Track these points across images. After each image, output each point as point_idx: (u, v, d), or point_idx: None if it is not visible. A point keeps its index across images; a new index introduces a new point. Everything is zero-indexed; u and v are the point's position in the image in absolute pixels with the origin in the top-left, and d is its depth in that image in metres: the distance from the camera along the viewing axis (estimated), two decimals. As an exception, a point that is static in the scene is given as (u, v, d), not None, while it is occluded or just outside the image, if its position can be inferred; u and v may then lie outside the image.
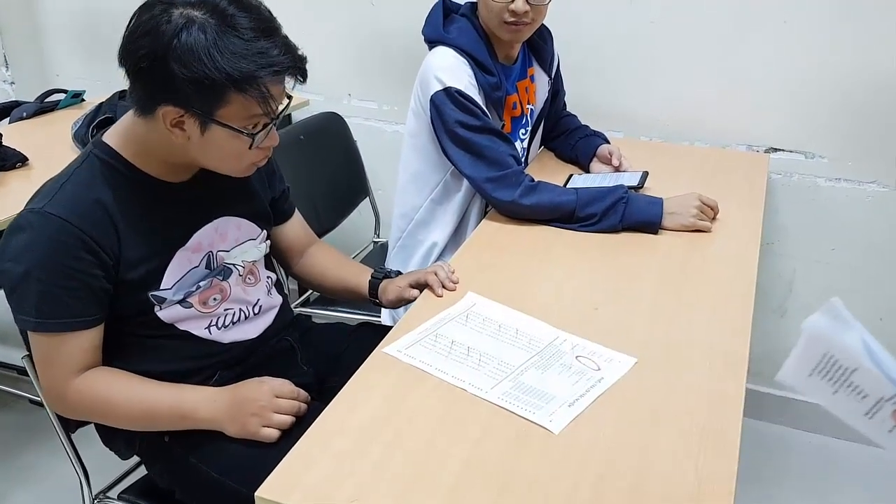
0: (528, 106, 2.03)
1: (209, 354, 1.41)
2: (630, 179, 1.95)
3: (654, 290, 1.54)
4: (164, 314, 1.34)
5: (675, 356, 1.33)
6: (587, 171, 2.13)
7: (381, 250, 2.50)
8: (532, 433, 1.15)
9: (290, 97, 1.27)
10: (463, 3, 1.92)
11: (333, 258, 1.68)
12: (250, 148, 1.26)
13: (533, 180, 1.80)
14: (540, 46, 2.02)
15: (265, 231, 1.52)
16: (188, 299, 1.36)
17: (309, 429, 1.16)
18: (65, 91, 2.74)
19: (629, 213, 1.75)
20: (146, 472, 1.49)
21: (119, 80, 1.26)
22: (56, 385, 1.29)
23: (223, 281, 1.42)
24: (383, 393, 1.24)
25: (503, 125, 1.93)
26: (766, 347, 1.99)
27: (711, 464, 1.08)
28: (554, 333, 1.39)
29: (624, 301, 1.51)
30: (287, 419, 1.32)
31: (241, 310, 1.46)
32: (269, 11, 1.24)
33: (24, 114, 2.59)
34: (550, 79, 2.06)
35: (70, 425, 1.45)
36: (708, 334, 1.39)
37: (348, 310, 2.17)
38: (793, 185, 2.32)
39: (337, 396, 1.22)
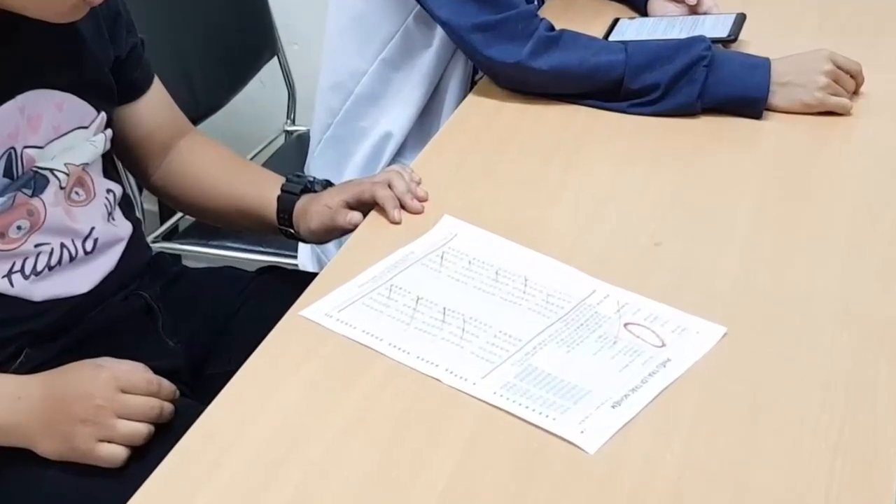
0: None
1: (11, 320, 1.44)
2: (715, 27, 1.98)
3: (755, 214, 1.56)
4: (-66, 253, 1.36)
5: (790, 324, 1.34)
6: (643, 13, 2.18)
7: (298, 145, 2.53)
8: (551, 452, 1.14)
9: None
10: None
11: (219, 160, 1.71)
12: (78, -25, 1.28)
13: (552, 28, 1.82)
14: None
15: (104, 114, 1.52)
16: (-27, 228, 1.38)
17: (178, 444, 1.15)
18: None
19: (714, 84, 1.77)
20: None
21: None
22: None
23: (33, 197, 1.43)
24: (302, 384, 1.25)
25: (503, -65, 1.93)
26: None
27: (852, 495, 1.07)
28: (589, 285, 1.40)
29: (704, 232, 1.52)
30: (139, 429, 1.32)
31: (63, 245, 1.48)
32: None
33: None
34: None
35: None
36: (844, 288, 1.40)
37: (243, 245, 2.21)
38: None
39: (223, 391, 1.23)
